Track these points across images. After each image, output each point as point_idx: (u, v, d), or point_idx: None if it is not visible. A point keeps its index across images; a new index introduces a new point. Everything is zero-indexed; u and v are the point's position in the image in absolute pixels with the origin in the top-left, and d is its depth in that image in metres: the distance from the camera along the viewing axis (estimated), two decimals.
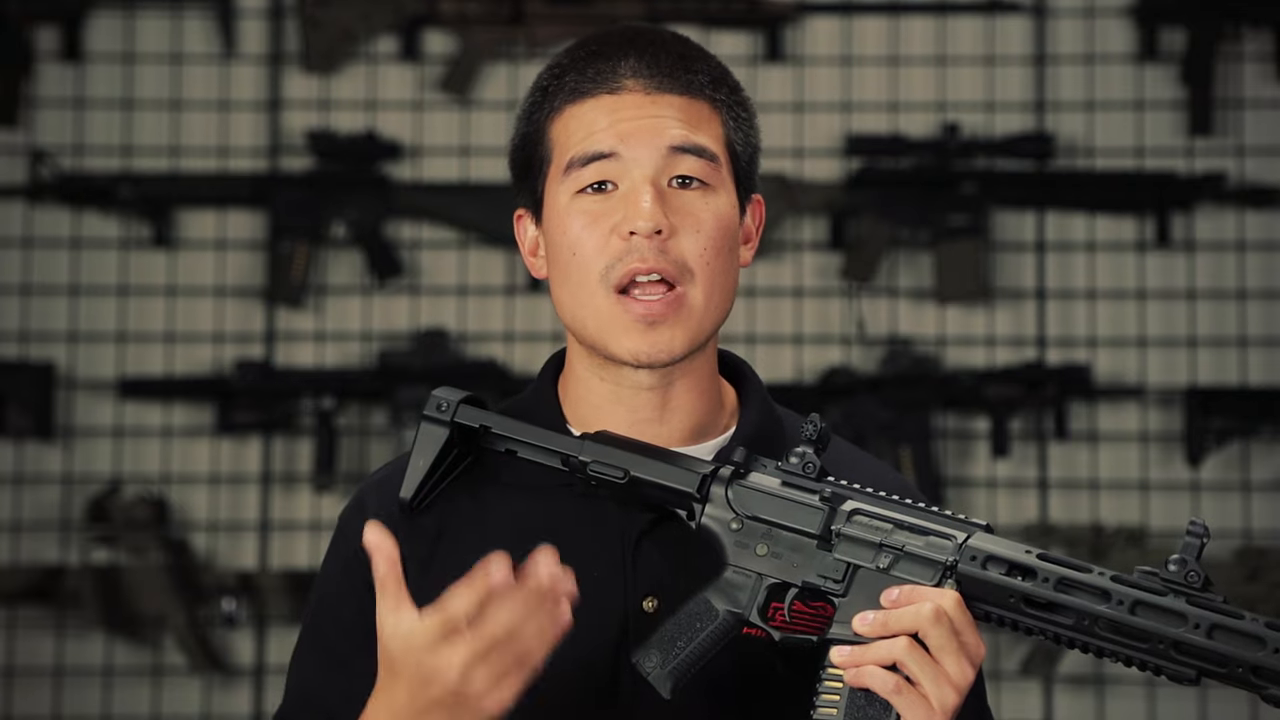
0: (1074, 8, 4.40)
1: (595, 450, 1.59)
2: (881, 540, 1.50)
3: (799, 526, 1.53)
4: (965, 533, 1.49)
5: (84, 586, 4.17)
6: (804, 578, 1.51)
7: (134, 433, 4.32)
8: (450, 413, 1.61)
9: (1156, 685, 4.20)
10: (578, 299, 1.62)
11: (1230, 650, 1.39)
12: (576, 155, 1.62)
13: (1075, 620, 1.43)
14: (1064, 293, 4.33)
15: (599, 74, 1.63)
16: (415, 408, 4.22)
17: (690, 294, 1.61)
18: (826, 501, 1.52)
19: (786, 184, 4.33)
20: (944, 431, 4.30)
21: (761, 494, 1.54)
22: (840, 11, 4.43)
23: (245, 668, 4.27)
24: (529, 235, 1.70)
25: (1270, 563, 4.11)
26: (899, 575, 1.48)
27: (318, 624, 1.67)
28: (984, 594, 1.46)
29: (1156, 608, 1.41)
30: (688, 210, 1.62)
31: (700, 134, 1.64)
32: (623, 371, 1.64)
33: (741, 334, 4.34)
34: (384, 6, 4.40)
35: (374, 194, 4.34)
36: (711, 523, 1.55)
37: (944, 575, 1.47)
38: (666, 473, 1.57)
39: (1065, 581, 1.43)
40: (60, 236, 4.37)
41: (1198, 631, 1.40)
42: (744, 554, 1.53)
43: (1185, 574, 1.41)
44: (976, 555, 1.47)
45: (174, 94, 4.41)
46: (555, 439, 1.60)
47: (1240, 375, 4.29)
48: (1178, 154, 4.34)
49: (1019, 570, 1.45)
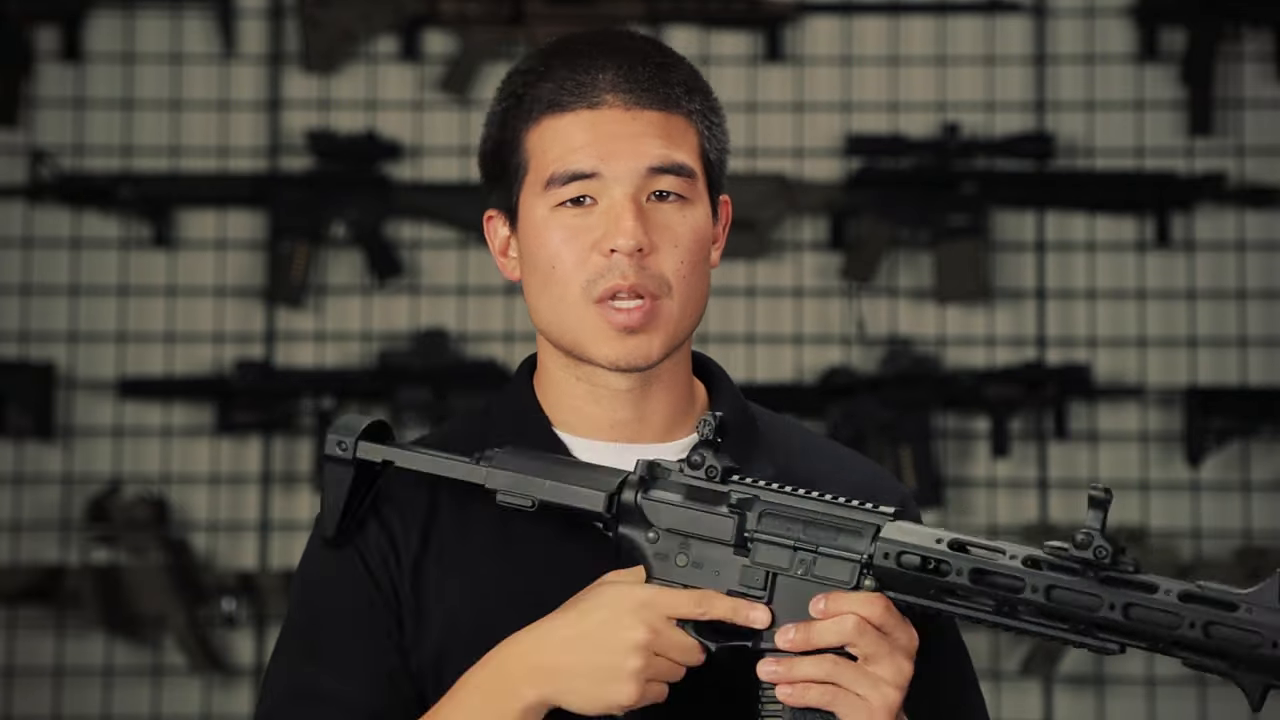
0: (1074, 8, 4.40)
1: (501, 479, 1.60)
2: (795, 543, 1.50)
3: (713, 535, 1.54)
4: (877, 523, 1.49)
5: (84, 586, 4.17)
6: (727, 586, 1.52)
7: (134, 433, 4.32)
8: (350, 451, 1.62)
9: (1156, 685, 4.20)
10: (557, 310, 1.65)
11: (1147, 626, 1.40)
12: (557, 172, 1.63)
13: (994, 606, 1.45)
14: (1064, 293, 4.33)
15: (579, 86, 1.64)
16: (415, 408, 4.23)
17: (666, 305, 1.64)
18: (735, 510, 1.53)
19: (786, 184, 4.33)
20: (944, 431, 4.30)
21: (670, 506, 1.55)
22: (840, 11, 4.43)
23: (245, 668, 4.27)
24: (499, 236, 1.72)
25: (1270, 563, 4.10)
26: (818, 577, 1.49)
27: (311, 616, 1.65)
28: (902, 587, 1.47)
29: (1071, 589, 1.42)
30: (666, 225, 1.64)
31: (678, 150, 1.65)
32: (599, 374, 1.66)
33: (741, 334, 4.34)
34: (384, 6, 4.40)
35: (374, 194, 4.34)
36: (630, 534, 1.57)
37: (861, 572, 1.48)
38: (574, 495, 1.58)
39: (978, 571, 1.44)
40: (60, 236, 4.37)
41: (1113, 611, 1.41)
42: (665, 566, 1.54)
43: (1094, 548, 1.41)
44: (889, 551, 1.47)
45: (174, 94, 4.41)
46: (460, 468, 1.62)
47: (1240, 375, 4.29)
48: (1178, 154, 4.34)
49: (933, 562, 1.46)
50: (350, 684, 1.60)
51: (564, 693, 1.51)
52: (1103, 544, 1.41)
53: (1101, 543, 1.41)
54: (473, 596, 1.62)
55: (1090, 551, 1.41)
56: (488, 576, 1.62)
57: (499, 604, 1.61)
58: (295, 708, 1.62)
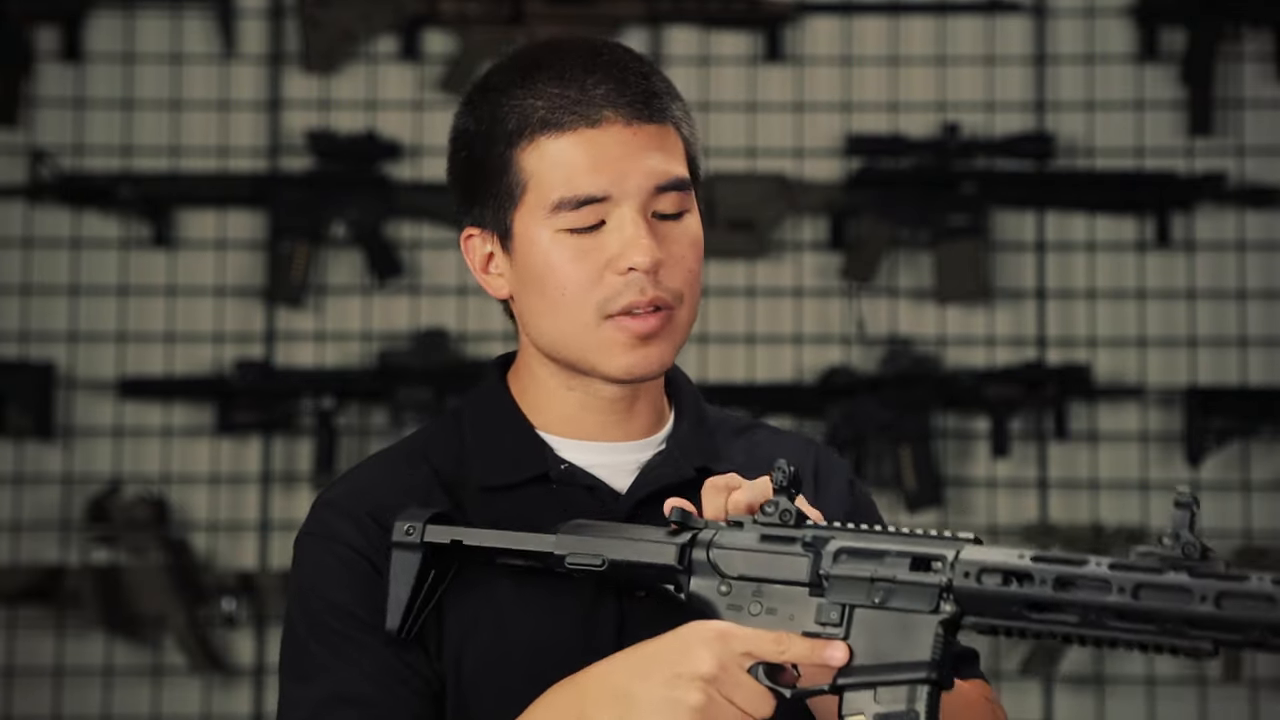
0: (1074, 8, 4.40)
1: (570, 544, 1.58)
2: (872, 574, 1.47)
3: (787, 577, 1.51)
4: (955, 549, 1.45)
5: (84, 586, 4.17)
6: (803, 628, 1.49)
7: (134, 433, 4.32)
8: (419, 535, 1.60)
9: (1156, 685, 4.20)
10: (567, 331, 1.64)
11: (1242, 615, 1.35)
12: (566, 198, 1.62)
13: (1080, 616, 1.40)
14: (1064, 293, 4.33)
15: (574, 104, 1.63)
16: (415, 408, 4.23)
17: (679, 314, 1.65)
18: (809, 547, 1.51)
19: (786, 184, 4.33)
20: (944, 431, 4.30)
21: (742, 551, 1.53)
22: (840, 11, 4.42)
23: (245, 668, 4.27)
24: (480, 253, 1.70)
25: (1270, 563, 4.10)
26: (895, 607, 1.46)
27: (325, 622, 1.63)
28: (984, 607, 1.43)
29: (1160, 587, 1.37)
30: (672, 240, 1.65)
31: (675, 163, 1.66)
32: (595, 384, 1.67)
33: (742, 334, 4.34)
34: (384, 6, 4.40)
35: (374, 194, 4.34)
36: (700, 589, 1.54)
37: (941, 596, 1.45)
38: (643, 550, 1.56)
39: (1063, 579, 1.40)
40: (60, 236, 4.37)
41: (1205, 603, 1.35)
42: (739, 616, 1.51)
43: (1182, 546, 1.37)
44: (970, 570, 1.44)
45: (174, 94, 4.41)
46: (530, 539, 1.60)
47: (1240, 375, 4.29)
48: (1178, 154, 4.34)
49: (1015, 576, 1.41)
50: (370, 686, 1.59)
51: (630, 718, 1.46)
52: (1191, 539, 1.36)
53: (1190, 538, 1.36)
54: (486, 601, 1.62)
55: (1179, 548, 1.37)
56: (500, 582, 1.62)
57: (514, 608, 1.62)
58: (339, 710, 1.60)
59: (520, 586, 1.61)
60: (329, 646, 1.62)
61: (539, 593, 1.61)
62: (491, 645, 1.61)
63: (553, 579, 1.60)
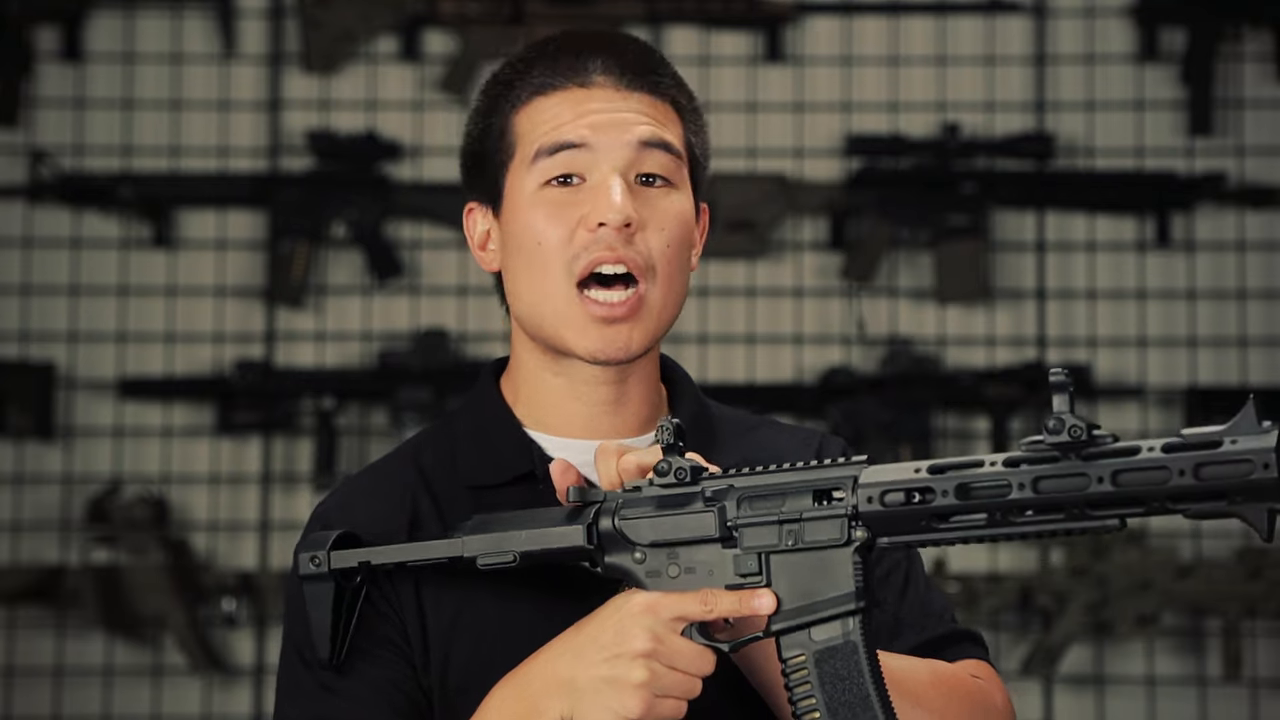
0: (1074, 8, 4.40)
1: (477, 545, 1.57)
2: (779, 517, 1.48)
3: (697, 534, 1.51)
4: (852, 473, 1.46)
5: (84, 586, 4.17)
6: (724, 582, 1.49)
7: (134, 433, 4.32)
8: (325, 564, 1.59)
9: (1156, 685, 4.20)
10: (538, 290, 1.64)
11: (1140, 488, 1.36)
12: (544, 145, 1.63)
13: (988, 516, 1.41)
14: (1064, 293, 4.33)
15: (569, 69, 1.65)
16: (415, 408, 4.22)
17: (650, 294, 1.63)
18: (711, 501, 1.51)
19: (786, 184, 4.33)
20: (944, 431, 4.30)
21: (649, 519, 1.52)
22: (840, 11, 4.43)
23: (245, 668, 4.27)
24: (479, 229, 1.72)
25: (1270, 562, 4.11)
26: (808, 545, 1.47)
27: (311, 642, 1.62)
28: (893, 526, 1.45)
29: (1057, 476, 1.39)
30: (653, 206, 1.64)
31: (667, 131, 1.66)
32: (578, 368, 1.66)
33: (742, 334, 4.34)
34: (384, 6, 4.40)
35: (374, 194, 4.34)
36: (616, 562, 1.54)
37: (850, 525, 1.45)
38: (552, 537, 1.55)
39: (963, 485, 1.41)
40: (60, 236, 4.37)
41: (1103, 483, 1.37)
42: (659, 581, 1.51)
43: (1068, 429, 1.38)
44: (872, 495, 1.44)
45: (174, 94, 4.41)
46: (438, 546, 1.59)
47: (1240, 375, 4.29)
48: (1178, 154, 4.34)
49: (917, 491, 1.43)
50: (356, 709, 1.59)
51: (579, 705, 1.47)
52: (1076, 423, 1.37)
53: (1075, 422, 1.37)
54: (469, 602, 1.62)
55: (1065, 434, 1.38)
56: (479, 585, 1.62)
57: (493, 610, 1.61)
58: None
59: (498, 588, 1.61)
60: (313, 667, 1.62)
61: (520, 592, 1.61)
62: (474, 652, 1.60)
63: (530, 577, 1.59)
